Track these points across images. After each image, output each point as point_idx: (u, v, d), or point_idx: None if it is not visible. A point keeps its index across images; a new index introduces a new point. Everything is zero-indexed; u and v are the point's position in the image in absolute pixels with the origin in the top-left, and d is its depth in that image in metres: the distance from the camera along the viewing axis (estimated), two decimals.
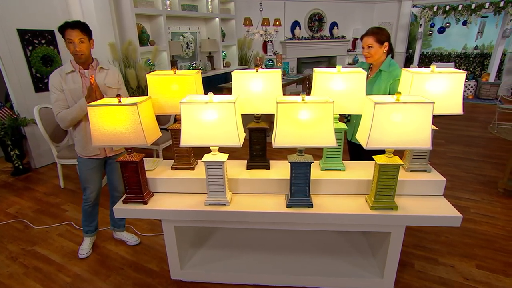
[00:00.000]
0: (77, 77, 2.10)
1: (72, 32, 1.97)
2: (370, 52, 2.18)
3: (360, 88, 1.80)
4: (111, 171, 2.40)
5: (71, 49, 2.00)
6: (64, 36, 1.99)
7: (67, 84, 2.07)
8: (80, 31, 1.99)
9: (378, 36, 2.15)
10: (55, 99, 2.08)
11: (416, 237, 2.55)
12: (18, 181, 3.81)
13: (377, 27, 2.23)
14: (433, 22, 7.58)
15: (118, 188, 2.45)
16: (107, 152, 2.28)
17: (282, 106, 1.51)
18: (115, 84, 2.22)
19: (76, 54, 2.01)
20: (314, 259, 2.18)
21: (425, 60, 8.77)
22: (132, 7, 4.54)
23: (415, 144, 1.55)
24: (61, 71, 2.09)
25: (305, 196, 1.76)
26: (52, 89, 2.08)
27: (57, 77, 2.07)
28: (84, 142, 2.18)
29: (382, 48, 2.17)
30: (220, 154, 1.71)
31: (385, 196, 1.73)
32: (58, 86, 2.06)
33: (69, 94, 2.08)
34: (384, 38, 2.16)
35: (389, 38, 2.20)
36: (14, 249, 2.55)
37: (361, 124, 1.67)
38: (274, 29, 5.49)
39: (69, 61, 2.12)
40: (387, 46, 2.18)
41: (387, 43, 2.17)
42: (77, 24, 1.99)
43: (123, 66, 4.70)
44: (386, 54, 2.23)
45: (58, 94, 2.07)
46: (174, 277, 2.14)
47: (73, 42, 1.98)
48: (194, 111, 1.54)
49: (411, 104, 1.48)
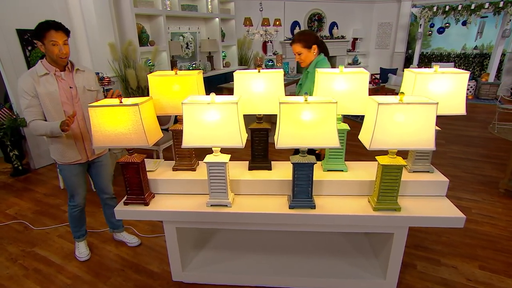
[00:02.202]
0: (52, 80, 1.96)
1: (56, 34, 1.86)
2: (301, 58, 2.23)
3: (362, 89, 1.79)
4: (97, 174, 2.33)
5: (55, 51, 1.88)
6: (44, 37, 1.85)
7: (41, 87, 1.92)
8: (64, 33, 1.90)
9: (305, 42, 2.20)
10: (26, 105, 1.91)
11: (417, 237, 2.55)
12: (18, 182, 3.79)
13: (302, 33, 2.27)
14: (433, 22, 7.58)
15: (106, 190, 2.40)
16: (89, 156, 2.19)
17: (285, 107, 1.50)
18: (94, 86, 2.15)
19: (61, 57, 1.91)
20: (316, 260, 2.17)
21: (424, 60, 8.78)
22: (132, 7, 4.52)
23: (419, 145, 1.54)
24: (33, 73, 1.92)
25: (307, 197, 1.75)
26: (22, 94, 1.91)
27: (29, 80, 1.90)
28: (62, 150, 2.08)
29: (312, 51, 2.21)
30: (222, 155, 1.70)
31: (388, 197, 1.72)
32: (31, 90, 1.90)
33: (46, 98, 1.93)
34: (311, 42, 2.21)
35: (316, 39, 2.23)
36: (14, 251, 2.53)
37: (364, 125, 1.66)
38: (274, 29, 5.49)
39: (39, 63, 1.96)
40: (316, 49, 2.22)
41: (315, 45, 2.21)
42: (60, 25, 1.89)
43: (123, 66, 4.69)
44: (318, 54, 2.27)
45: (31, 99, 1.91)
46: (175, 279, 2.12)
47: (58, 45, 1.87)
48: (196, 111, 1.53)
49: (415, 104, 1.47)
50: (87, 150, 2.17)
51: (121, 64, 4.70)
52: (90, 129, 2.13)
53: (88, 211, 2.89)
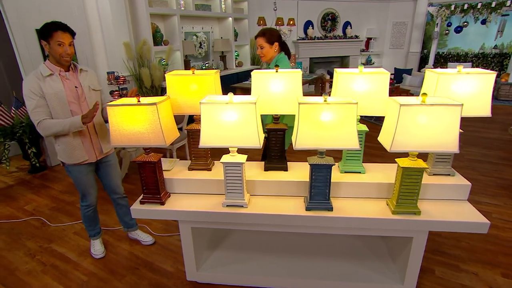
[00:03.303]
0: (57, 80, 1.96)
1: (63, 35, 1.88)
2: (262, 52, 2.34)
3: (383, 89, 1.75)
4: (106, 174, 2.32)
5: (60, 51, 1.89)
6: (51, 37, 1.86)
7: (47, 88, 1.92)
8: (70, 34, 1.92)
9: (268, 37, 2.30)
10: (34, 105, 1.90)
11: (435, 242, 2.48)
12: (35, 179, 3.86)
13: (267, 29, 2.39)
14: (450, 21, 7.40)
15: (117, 190, 2.39)
16: (97, 155, 2.19)
17: (304, 107, 1.48)
18: (97, 86, 2.16)
19: (66, 57, 1.92)
20: (331, 263, 2.14)
21: (440, 60, 8.59)
22: (147, 6, 4.56)
23: (441, 147, 1.50)
24: (38, 74, 1.93)
25: (325, 199, 1.72)
26: (29, 95, 1.90)
27: (35, 81, 1.90)
28: (70, 151, 2.06)
29: (273, 48, 2.32)
30: (239, 155, 1.68)
31: (407, 200, 1.68)
32: (37, 90, 1.90)
33: (53, 99, 1.93)
34: (274, 39, 2.30)
35: (279, 38, 2.35)
36: (32, 246, 2.58)
37: (384, 126, 1.62)
38: (288, 28, 5.44)
39: (42, 64, 1.97)
40: (277, 46, 2.34)
41: (277, 43, 2.33)
42: (67, 26, 1.91)
43: (138, 65, 4.73)
44: (278, 53, 2.37)
45: (38, 99, 1.90)
46: (189, 279, 2.12)
47: (64, 45, 1.89)
48: (214, 111, 1.52)
49: (439, 106, 1.42)
50: (95, 150, 2.17)
51: (136, 63, 4.74)
52: (97, 128, 2.16)
53: (103, 209, 2.93)
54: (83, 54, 4.19)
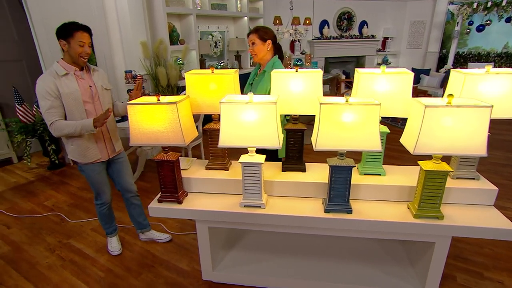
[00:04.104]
0: (73, 79, 1.97)
1: (84, 35, 1.92)
2: (254, 49, 2.20)
3: (406, 90, 1.70)
4: (118, 172, 2.32)
5: (80, 51, 1.92)
6: (72, 36, 1.89)
7: (63, 87, 1.92)
8: (89, 35, 1.96)
9: (261, 34, 2.17)
10: (49, 106, 1.89)
11: (456, 247, 2.41)
12: (54, 175, 3.96)
13: (261, 27, 2.26)
14: (472, 19, 7.17)
15: (130, 188, 2.39)
16: (110, 154, 2.20)
17: (325, 108, 1.45)
18: (108, 85, 2.18)
19: (84, 57, 1.96)
20: (348, 266, 2.10)
21: (460, 61, 8.34)
22: (164, 6, 4.60)
23: (468, 150, 1.45)
24: (53, 73, 1.92)
25: (344, 201, 1.69)
26: (44, 95, 1.88)
27: (51, 81, 1.89)
28: (83, 150, 2.07)
29: (265, 46, 2.19)
30: (257, 156, 1.67)
31: (430, 204, 1.63)
32: (53, 91, 1.89)
33: (68, 98, 1.94)
34: (267, 36, 2.18)
35: (273, 38, 2.22)
36: (52, 241, 2.64)
37: (408, 128, 1.58)
38: (305, 28, 5.40)
39: (56, 63, 1.97)
40: (270, 44, 2.20)
41: (270, 41, 2.19)
42: (87, 27, 1.95)
43: (154, 64, 4.78)
44: (272, 54, 2.25)
45: (53, 100, 1.89)
46: (205, 278, 2.12)
47: (84, 45, 1.93)
48: (234, 111, 1.51)
49: (466, 107, 1.37)
50: (108, 149, 2.19)
51: (152, 62, 4.79)
52: (109, 127, 2.18)
53: (120, 206, 2.97)
54: (101, 53, 4.25)
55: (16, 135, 3.82)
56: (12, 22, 4.32)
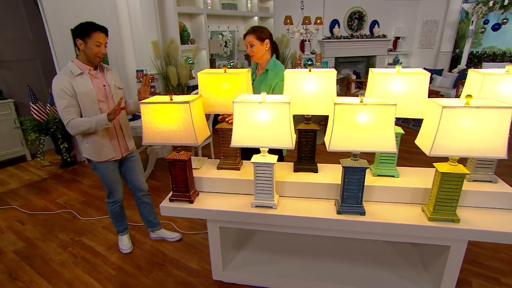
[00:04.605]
0: (87, 79, 2.00)
1: (101, 36, 1.95)
2: (252, 50, 2.19)
3: (422, 90, 1.67)
4: (131, 170, 2.34)
5: (96, 51, 1.95)
6: (89, 36, 1.91)
7: (79, 86, 1.95)
8: (106, 36, 1.99)
9: (258, 34, 2.16)
10: (65, 105, 1.92)
11: (471, 251, 2.36)
12: (66, 173, 4.01)
13: (257, 26, 2.25)
14: (487, 18, 7.00)
15: (141, 186, 2.41)
16: (123, 152, 2.23)
17: (340, 108, 1.43)
18: (120, 84, 2.21)
19: (100, 57, 1.99)
20: (360, 268, 2.07)
21: (474, 60, 8.17)
22: (175, 6, 4.62)
23: (487, 152, 1.41)
24: (69, 73, 1.95)
25: (357, 203, 1.67)
26: (61, 94, 1.91)
27: (67, 80, 1.92)
28: (98, 148, 2.10)
29: (264, 45, 2.18)
30: (269, 156, 1.66)
31: (446, 207, 1.59)
32: (69, 90, 1.92)
33: (84, 97, 1.96)
34: (264, 36, 2.17)
35: (270, 36, 2.21)
36: (64, 238, 2.67)
37: (423, 129, 1.55)
38: (315, 27, 5.36)
39: (71, 63, 1.99)
40: (268, 44, 2.19)
41: (268, 40, 2.19)
42: (105, 28, 1.98)
43: (165, 64, 4.81)
44: (270, 53, 2.24)
45: (69, 99, 1.92)
46: (215, 278, 2.12)
47: (101, 46, 1.96)
48: (247, 110, 1.50)
49: (486, 109, 1.34)
50: (121, 147, 2.21)
51: (163, 61, 4.82)
52: (122, 126, 2.20)
53: (130, 205, 2.99)
54: (113, 53, 4.29)
55: (30, 133, 3.89)
56: (27, 22, 4.40)
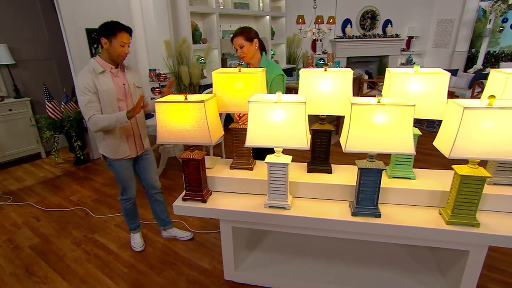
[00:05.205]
0: (109, 77, 2.02)
1: (126, 36, 1.98)
2: (243, 52, 2.21)
3: (441, 91, 1.63)
4: (145, 168, 2.36)
5: (120, 51, 1.98)
6: (115, 36, 1.94)
7: (101, 84, 1.97)
8: (130, 36, 2.02)
9: (246, 34, 2.19)
10: (87, 101, 1.95)
11: (490, 257, 2.29)
12: (79, 171, 4.07)
13: (243, 27, 2.27)
14: (506, 17, 6.79)
15: (155, 184, 2.42)
16: (139, 151, 2.25)
17: (356, 108, 1.40)
18: (140, 83, 2.21)
19: (122, 56, 2.01)
20: (374, 271, 2.03)
21: (491, 60, 7.98)
22: (188, 5, 4.64)
23: (509, 155, 1.36)
24: (91, 70, 1.98)
25: (372, 205, 1.63)
26: (83, 91, 1.94)
27: (89, 77, 1.96)
28: (115, 146, 2.12)
29: (253, 45, 2.21)
30: (284, 156, 1.64)
31: (465, 211, 1.55)
32: (92, 87, 1.95)
33: (104, 95, 1.99)
34: (252, 36, 2.21)
35: (257, 35, 2.25)
36: (78, 235, 2.71)
37: (443, 130, 1.50)
38: (328, 27, 5.31)
39: (94, 61, 2.01)
40: (257, 43, 2.23)
41: (256, 39, 2.23)
42: (130, 29, 2.01)
43: (177, 63, 4.84)
44: (259, 52, 2.29)
45: (91, 95, 1.96)
46: (227, 278, 2.11)
47: (125, 45, 1.99)
48: (262, 110, 1.48)
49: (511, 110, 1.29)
50: (137, 146, 2.23)
51: (175, 61, 4.85)
52: (139, 124, 2.21)
53: (143, 203, 3.01)
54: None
55: (45, 131, 3.96)
56: (44, 22, 4.47)
